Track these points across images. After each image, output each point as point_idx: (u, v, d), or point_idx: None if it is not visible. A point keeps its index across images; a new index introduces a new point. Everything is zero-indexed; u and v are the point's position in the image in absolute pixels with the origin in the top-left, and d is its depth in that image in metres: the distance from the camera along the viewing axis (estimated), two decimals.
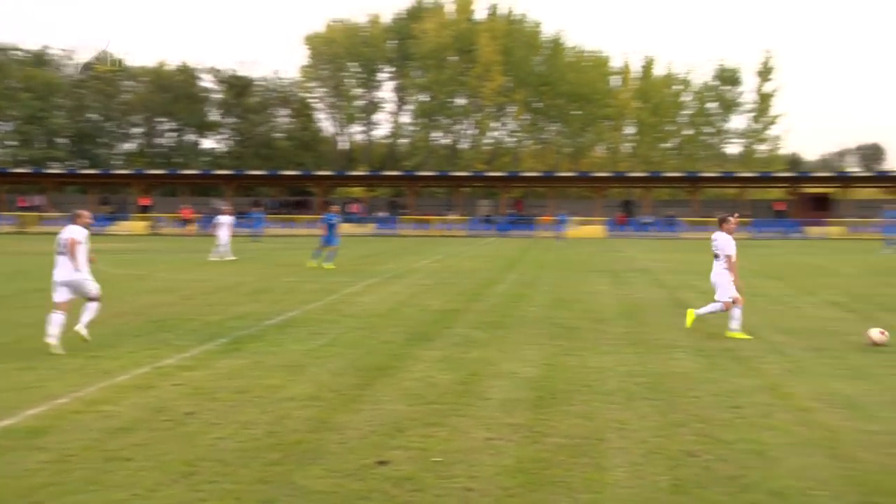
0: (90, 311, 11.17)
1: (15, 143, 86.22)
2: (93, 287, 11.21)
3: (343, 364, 9.94)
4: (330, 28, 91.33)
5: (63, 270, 10.88)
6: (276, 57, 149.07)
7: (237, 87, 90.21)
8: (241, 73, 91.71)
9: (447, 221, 67.18)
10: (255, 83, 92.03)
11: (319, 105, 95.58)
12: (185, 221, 60.29)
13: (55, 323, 10.57)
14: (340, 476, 5.90)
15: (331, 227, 26.47)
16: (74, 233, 10.94)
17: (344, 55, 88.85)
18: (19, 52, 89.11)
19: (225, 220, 30.36)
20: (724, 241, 12.49)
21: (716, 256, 12.63)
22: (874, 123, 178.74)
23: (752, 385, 8.80)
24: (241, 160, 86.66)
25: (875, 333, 11.24)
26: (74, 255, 10.78)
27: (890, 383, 8.87)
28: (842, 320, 14.06)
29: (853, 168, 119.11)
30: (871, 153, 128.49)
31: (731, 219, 12.93)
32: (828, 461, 6.21)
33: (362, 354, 10.60)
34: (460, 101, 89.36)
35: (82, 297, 11.11)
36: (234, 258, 29.58)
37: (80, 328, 10.98)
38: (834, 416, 7.49)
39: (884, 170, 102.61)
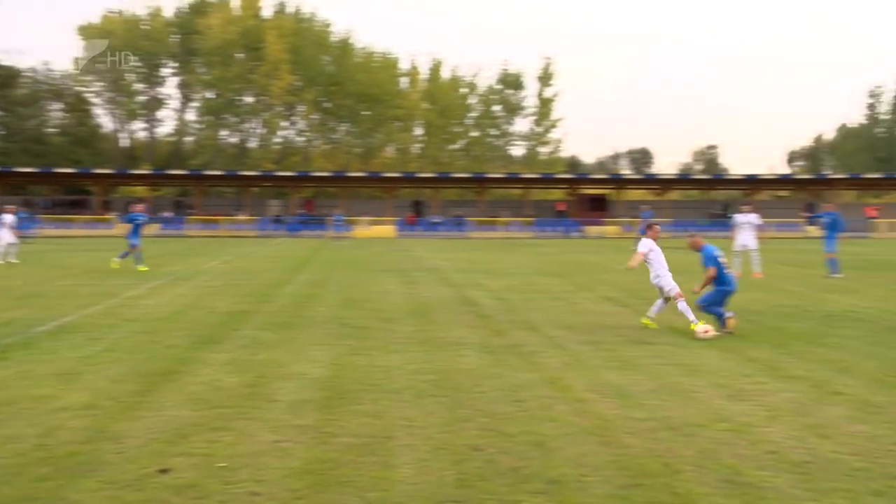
0: None
1: None
2: None
3: (123, 370, 9.47)
4: (106, 19, 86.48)
5: None
6: (47, 47, 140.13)
7: (1, 77, 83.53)
8: (6, 62, 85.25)
9: (236, 222, 65.71)
10: (23, 74, 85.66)
11: (97, 100, 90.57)
12: None
13: None
14: (117, 487, 5.62)
15: (136, 226, 25.31)
16: None
17: (123, 48, 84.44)
18: None
19: (7, 220, 28.45)
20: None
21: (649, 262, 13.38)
22: (643, 129, 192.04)
23: (533, 379, 9.17)
24: (9, 156, 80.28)
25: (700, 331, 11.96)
26: None
27: (655, 373, 9.53)
28: (616, 315, 14.96)
29: (626, 170, 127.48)
30: (641, 157, 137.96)
31: (656, 227, 14.03)
32: (600, 448, 6.58)
33: (144, 360, 10.15)
34: (248, 99, 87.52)
35: None
36: (16, 261, 27.54)
37: None
38: (606, 406, 7.95)
39: (652, 172, 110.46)
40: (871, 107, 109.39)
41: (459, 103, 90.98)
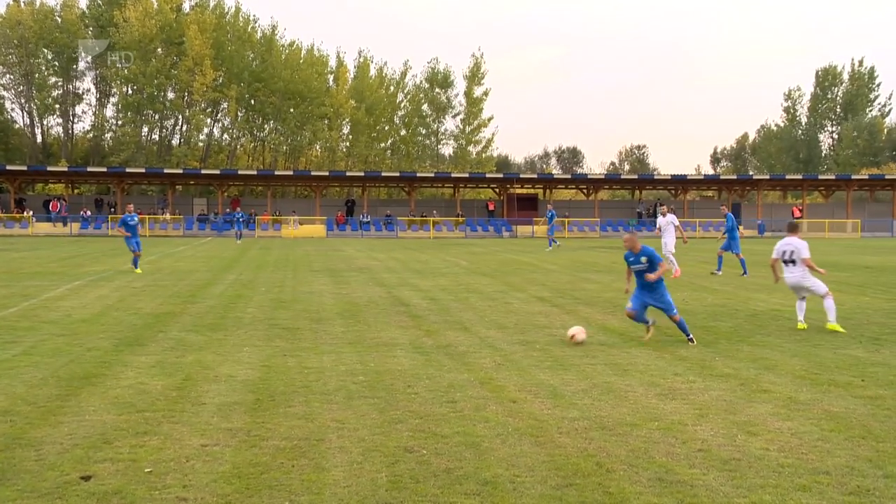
0: None
1: None
2: None
3: (42, 374, 9.22)
4: (13, 9, 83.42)
5: None
6: None
7: None
8: None
9: (160, 220, 64.48)
10: None
11: (7, 93, 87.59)
12: None
13: None
14: (36, 496, 5.46)
15: (132, 228, 24.66)
16: None
17: (34, 40, 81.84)
18: None
19: None
20: (800, 245, 13.13)
21: (792, 262, 13.19)
22: (572, 129, 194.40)
23: (466, 379, 9.21)
24: None
25: (577, 332, 11.82)
26: None
27: (587, 372, 9.65)
28: (547, 314, 15.10)
29: (555, 170, 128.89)
30: (571, 156, 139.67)
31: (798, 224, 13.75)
32: (534, 448, 6.64)
33: (65, 363, 9.89)
34: (170, 95, 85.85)
35: None
36: None
37: None
38: (539, 406, 8.02)
39: (582, 172, 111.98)
40: (789, 109, 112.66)
41: (387, 101, 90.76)
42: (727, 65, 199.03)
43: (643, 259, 11.72)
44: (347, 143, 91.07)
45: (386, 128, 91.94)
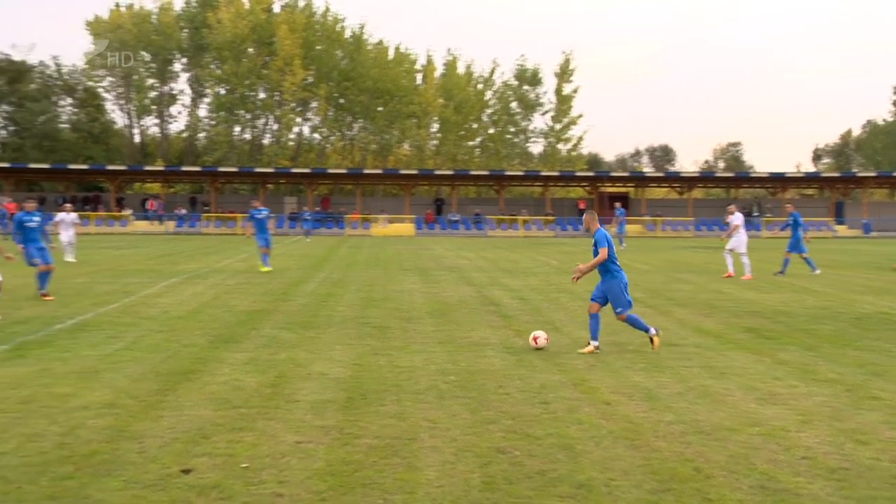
0: None
1: None
2: None
3: (142, 369, 9.55)
4: (115, 14, 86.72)
5: None
6: (57, 41, 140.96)
7: (11, 72, 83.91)
8: (15, 57, 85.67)
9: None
10: (34, 69, 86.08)
11: (108, 95, 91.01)
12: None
13: None
14: (140, 487, 5.66)
15: (259, 223, 24.64)
16: None
17: (133, 43, 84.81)
18: None
19: (67, 218, 28.49)
20: None
21: None
22: (664, 126, 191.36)
23: (558, 381, 9.17)
24: (21, 152, 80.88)
25: (539, 335, 11.28)
26: None
27: (683, 375, 9.50)
28: (641, 315, 14.87)
29: (647, 168, 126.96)
30: (662, 154, 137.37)
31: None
32: (629, 452, 6.57)
33: (163, 358, 10.22)
34: (261, 95, 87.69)
35: None
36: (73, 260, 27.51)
37: None
38: (634, 409, 7.93)
39: (674, 170, 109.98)
40: None
41: (476, 99, 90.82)
42: (827, 57, 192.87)
43: (595, 242, 11.08)
44: (436, 142, 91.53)
45: (474, 126, 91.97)
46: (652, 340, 11.10)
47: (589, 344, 11.11)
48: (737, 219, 23.64)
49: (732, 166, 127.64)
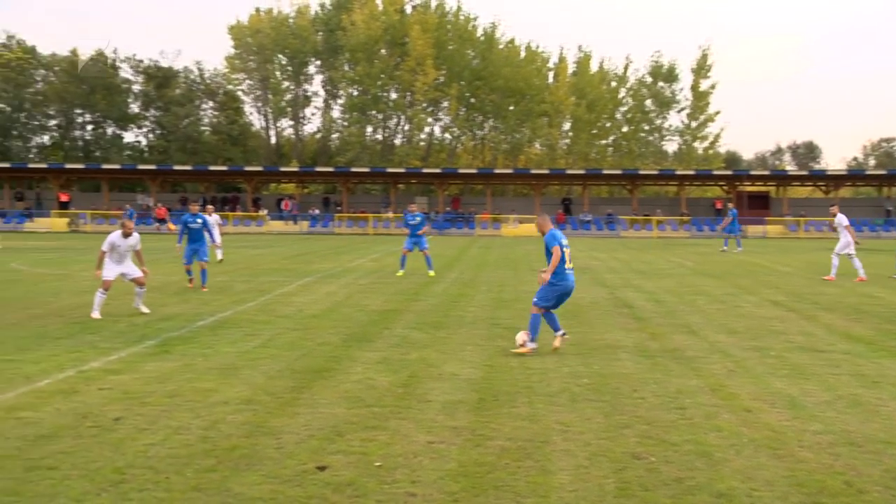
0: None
1: None
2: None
3: (279, 366, 9.86)
4: (255, 18, 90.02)
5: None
6: (201, 47, 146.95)
7: (158, 77, 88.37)
8: (163, 63, 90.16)
9: (383, 219, 67.04)
10: (179, 74, 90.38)
11: (247, 98, 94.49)
12: (160, 221, 59.64)
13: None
14: (278, 482, 5.85)
15: (413, 227, 23.88)
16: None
17: (271, 46, 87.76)
18: None
19: (210, 220, 29.48)
20: None
21: None
22: (808, 122, 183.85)
23: (695, 386, 8.96)
24: (166, 154, 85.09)
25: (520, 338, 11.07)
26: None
27: (830, 383, 9.12)
28: (783, 319, 14.40)
29: (789, 166, 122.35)
30: (806, 152, 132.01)
31: None
32: (772, 462, 6.36)
33: (298, 356, 10.53)
34: (393, 95, 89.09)
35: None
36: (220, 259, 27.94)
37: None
38: (777, 417, 7.67)
39: (820, 168, 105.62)
40: None
41: (609, 97, 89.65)
42: None
43: (546, 244, 11.36)
44: (567, 141, 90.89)
45: (607, 124, 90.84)
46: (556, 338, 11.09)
47: (557, 338, 11.15)
48: (842, 220, 22.83)
49: (885, 163, 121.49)
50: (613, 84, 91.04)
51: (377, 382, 9.05)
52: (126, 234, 14.45)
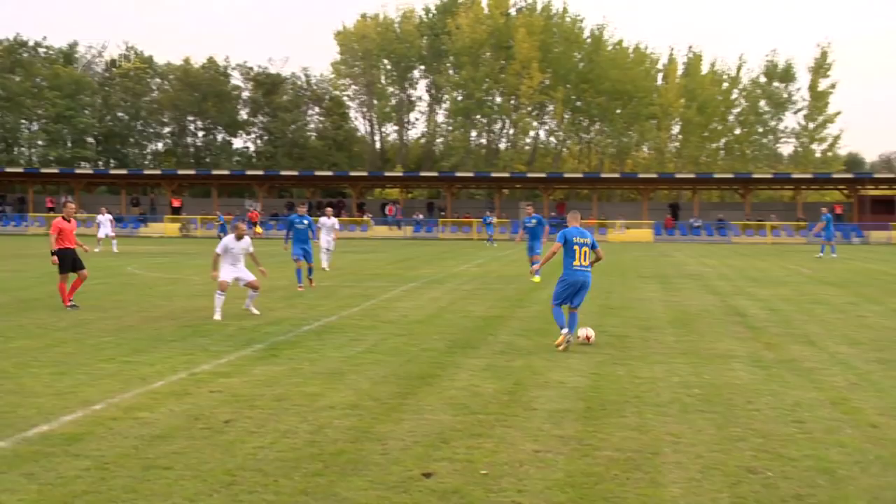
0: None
1: (42, 142, 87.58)
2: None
3: (383, 372, 9.97)
4: (360, 24, 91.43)
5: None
6: (308, 53, 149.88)
7: (267, 84, 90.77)
8: (272, 70, 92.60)
9: (487, 224, 67.00)
10: (286, 81, 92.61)
11: (352, 103, 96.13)
12: (253, 223, 61.42)
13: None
14: (384, 488, 5.90)
15: (532, 231, 23.94)
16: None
17: (376, 51, 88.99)
18: (45, 49, 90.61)
19: (327, 223, 29.42)
20: None
21: None
22: None
23: (814, 398, 8.66)
24: (273, 160, 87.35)
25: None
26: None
27: None
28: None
29: None
30: None
31: None
32: None
33: (403, 362, 10.62)
34: (497, 99, 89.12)
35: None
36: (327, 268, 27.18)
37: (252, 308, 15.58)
38: None
39: None
40: None
41: (720, 99, 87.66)
42: None
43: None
44: (677, 144, 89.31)
45: (718, 127, 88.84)
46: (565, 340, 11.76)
47: (561, 336, 11.92)
48: None
49: None
50: (725, 85, 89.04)
51: (482, 389, 9.05)
52: (238, 237, 15.07)
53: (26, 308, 16.08)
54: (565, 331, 11.79)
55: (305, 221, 20.15)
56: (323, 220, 28.19)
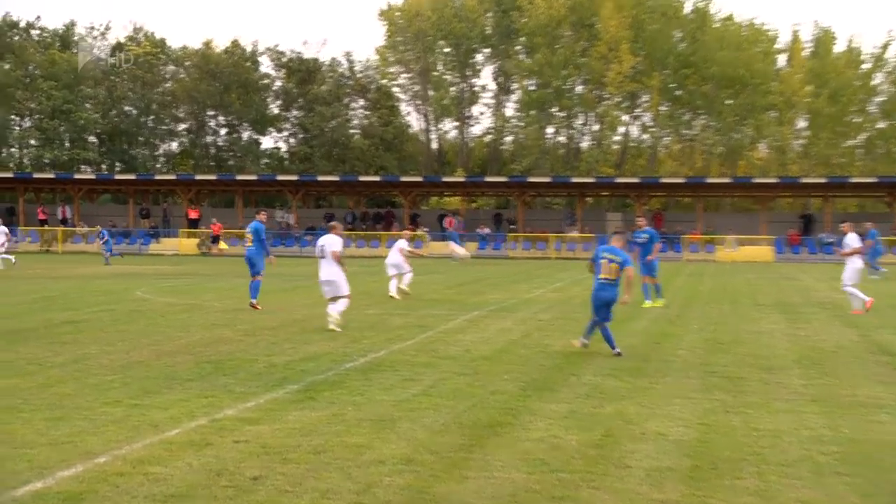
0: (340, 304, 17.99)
1: (36, 141, 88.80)
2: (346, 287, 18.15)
3: (443, 419, 9.97)
4: (412, 0, 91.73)
5: (326, 271, 18.03)
6: (350, 36, 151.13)
7: (301, 72, 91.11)
8: (307, 55, 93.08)
9: (567, 239, 66.87)
10: (325, 68, 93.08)
11: (403, 95, 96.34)
12: (215, 237, 61.84)
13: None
14: None
15: (642, 246, 23.99)
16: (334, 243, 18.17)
17: (431, 32, 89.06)
18: (39, 32, 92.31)
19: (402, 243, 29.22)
20: None
21: None
22: None
23: None
24: (309, 162, 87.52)
25: None
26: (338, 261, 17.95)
27: None
28: None
29: None
30: None
31: None
32: None
33: (467, 407, 10.62)
34: (579, 88, 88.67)
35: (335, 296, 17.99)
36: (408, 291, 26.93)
37: (332, 323, 17.66)
38: None
39: None
40: None
41: (858, 85, 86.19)
42: None
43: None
44: (803, 141, 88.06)
45: (856, 119, 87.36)
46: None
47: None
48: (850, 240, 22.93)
49: None
50: (865, 67, 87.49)
51: (564, 441, 9.01)
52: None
53: (15, 340, 16.41)
54: (582, 340, 15.52)
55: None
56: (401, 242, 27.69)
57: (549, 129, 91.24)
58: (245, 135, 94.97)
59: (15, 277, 34.06)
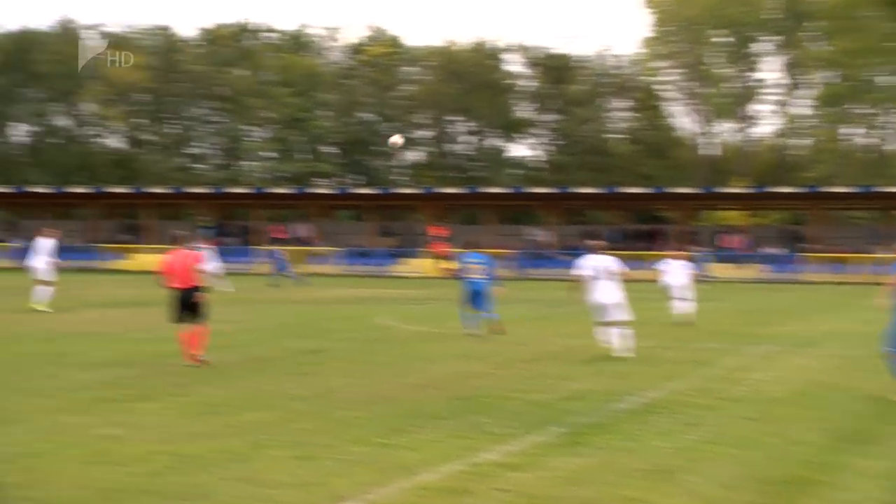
0: (626, 337, 18.79)
1: (273, 154, 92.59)
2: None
3: (732, 471, 9.73)
4: None
5: (605, 293, 18.79)
6: (606, 29, 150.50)
7: (554, 71, 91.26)
8: (559, 52, 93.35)
9: (876, 261, 64.07)
10: (580, 65, 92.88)
11: (671, 93, 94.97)
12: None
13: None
14: None
15: None
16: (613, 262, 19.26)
17: (704, 20, 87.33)
18: (273, 36, 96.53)
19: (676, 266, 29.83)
20: None
21: None
22: None
23: None
24: (564, 173, 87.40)
25: None
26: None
27: None
28: None
29: None
30: None
31: None
32: None
33: (762, 459, 10.32)
34: (888, 80, 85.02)
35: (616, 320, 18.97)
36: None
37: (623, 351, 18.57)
38: None
39: None
40: None
41: None
42: None
43: None
44: None
45: None
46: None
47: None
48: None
49: None
50: None
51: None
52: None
53: (257, 370, 17.19)
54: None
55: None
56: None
57: (850, 130, 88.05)
58: (487, 143, 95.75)
59: (254, 301, 35.68)
